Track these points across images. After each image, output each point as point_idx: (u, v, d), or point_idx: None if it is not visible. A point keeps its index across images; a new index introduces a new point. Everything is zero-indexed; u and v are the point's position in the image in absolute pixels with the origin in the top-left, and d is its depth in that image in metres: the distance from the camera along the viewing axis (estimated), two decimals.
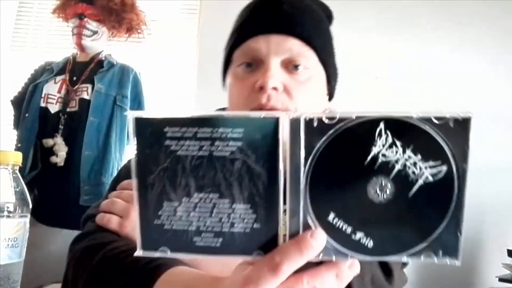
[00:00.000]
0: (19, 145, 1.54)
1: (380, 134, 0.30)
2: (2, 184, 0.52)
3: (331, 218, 0.31)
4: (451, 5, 2.07)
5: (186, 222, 0.32)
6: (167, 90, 2.13)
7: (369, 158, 0.30)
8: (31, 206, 0.55)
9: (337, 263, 0.32)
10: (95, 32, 1.63)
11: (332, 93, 0.70)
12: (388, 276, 0.57)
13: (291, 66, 0.60)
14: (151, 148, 0.32)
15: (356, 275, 0.33)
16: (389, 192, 0.30)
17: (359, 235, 0.31)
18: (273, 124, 0.31)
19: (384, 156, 0.30)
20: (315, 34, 0.62)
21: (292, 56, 0.60)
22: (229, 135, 0.31)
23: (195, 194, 0.32)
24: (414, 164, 0.30)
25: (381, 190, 0.30)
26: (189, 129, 0.31)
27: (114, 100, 1.58)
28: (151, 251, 0.33)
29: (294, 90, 0.59)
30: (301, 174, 0.31)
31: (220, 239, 0.32)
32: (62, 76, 1.61)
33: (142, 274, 0.42)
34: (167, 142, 0.32)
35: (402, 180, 0.30)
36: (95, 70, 1.61)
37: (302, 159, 0.31)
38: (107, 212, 0.58)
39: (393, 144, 0.30)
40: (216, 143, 0.31)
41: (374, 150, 0.30)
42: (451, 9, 2.07)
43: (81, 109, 1.54)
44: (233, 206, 0.32)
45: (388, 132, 0.29)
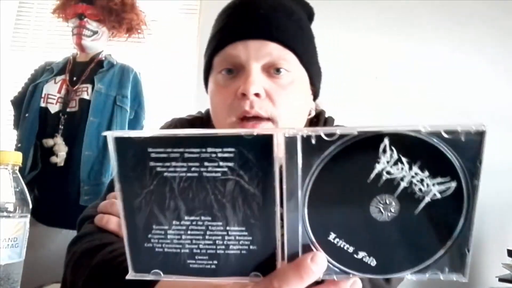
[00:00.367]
0: (19, 145, 1.54)
1: (385, 151, 0.28)
2: (2, 184, 0.52)
3: (332, 238, 0.30)
4: (451, 5, 2.07)
5: (178, 245, 0.31)
6: (167, 90, 2.12)
7: (373, 176, 0.28)
8: (31, 206, 0.55)
9: (339, 282, 0.31)
10: (95, 32, 1.63)
11: (317, 93, 0.69)
12: None
13: (272, 70, 0.59)
14: (135, 170, 0.30)
15: None
16: (394, 210, 0.29)
17: (362, 254, 0.30)
18: (267, 142, 0.28)
19: (389, 174, 0.28)
20: (295, 36, 0.61)
21: (273, 60, 0.59)
22: (220, 155, 0.29)
23: (186, 217, 0.30)
24: (421, 181, 0.28)
25: (385, 209, 0.29)
26: (175, 150, 0.29)
27: (114, 100, 1.58)
28: (143, 274, 0.32)
29: (277, 95, 0.58)
30: (299, 194, 0.29)
31: (215, 261, 0.31)
32: (62, 76, 1.61)
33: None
34: (152, 164, 0.29)
35: (408, 198, 0.28)
36: (95, 70, 1.61)
37: (300, 178, 0.29)
38: (106, 213, 0.58)
39: (399, 161, 0.28)
40: (206, 164, 0.29)
41: (378, 167, 0.28)
42: (451, 9, 2.07)
43: (81, 109, 1.54)
44: (227, 229, 0.30)
45: (393, 148, 0.28)
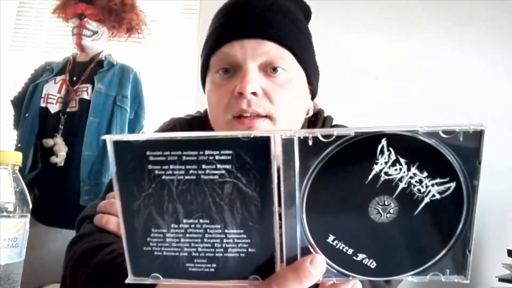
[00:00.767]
0: (19, 145, 1.54)
1: (382, 151, 0.28)
2: (2, 184, 0.52)
3: (331, 240, 0.30)
4: (451, 5, 2.07)
5: (177, 248, 0.31)
6: (167, 90, 2.12)
7: (370, 177, 0.28)
8: (31, 206, 0.55)
9: (339, 285, 0.31)
10: (95, 32, 1.63)
11: (315, 92, 0.69)
12: None
13: (269, 69, 0.59)
14: (133, 174, 0.30)
15: None
16: (393, 212, 0.29)
17: (361, 256, 0.30)
18: (264, 144, 0.28)
19: (387, 174, 0.28)
20: (291, 35, 0.61)
21: (270, 59, 0.59)
22: (217, 158, 0.29)
23: (184, 220, 0.30)
24: (420, 182, 0.28)
25: (384, 210, 0.29)
26: (173, 153, 0.29)
27: (114, 100, 1.58)
28: (143, 277, 0.32)
29: (274, 94, 0.58)
30: (297, 196, 0.29)
31: (214, 265, 0.31)
32: (62, 76, 1.61)
33: None
34: (150, 167, 0.30)
35: (407, 199, 0.28)
36: (95, 70, 1.61)
37: (297, 180, 0.29)
38: (106, 213, 0.58)
39: (397, 162, 0.28)
40: (203, 166, 0.29)
41: (376, 168, 0.28)
42: (451, 9, 2.07)
43: (81, 109, 1.54)
44: (226, 231, 0.30)
45: (391, 149, 0.28)
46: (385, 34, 2.07)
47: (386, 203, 0.29)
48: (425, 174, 0.28)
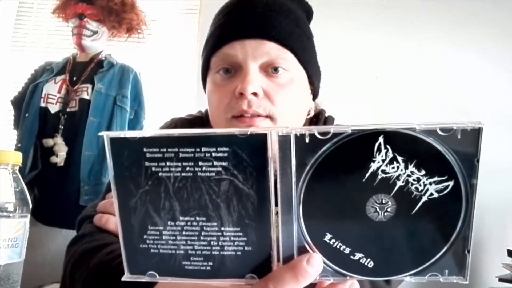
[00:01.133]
0: (19, 145, 1.54)
1: (380, 149, 0.27)
2: (2, 184, 0.52)
3: (328, 239, 0.29)
4: (451, 5, 2.07)
5: (173, 246, 0.31)
6: (167, 90, 2.12)
7: (368, 175, 0.28)
8: (31, 206, 0.55)
9: (336, 284, 0.31)
10: (95, 32, 1.63)
11: (316, 93, 0.68)
12: None
13: (271, 69, 0.59)
14: (130, 170, 0.30)
15: None
16: (390, 210, 0.28)
17: (359, 256, 0.30)
18: (261, 141, 0.28)
19: (384, 172, 0.28)
20: (292, 35, 0.61)
21: (271, 60, 0.58)
22: (214, 155, 0.29)
23: (181, 218, 0.30)
24: (418, 180, 0.28)
25: (381, 209, 0.28)
26: (170, 150, 0.29)
27: (114, 100, 1.58)
28: (139, 275, 0.32)
29: (275, 94, 0.58)
30: (293, 194, 0.29)
31: (210, 263, 0.31)
32: (62, 76, 1.61)
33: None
34: (147, 164, 0.30)
35: (404, 197, 0.28)
36: (95, 70, 1.61)
37: (294, 178, 0.29)
38: (105, 213, 0.58)
39: (394, 159, 0.27)
40: (200, 163, 0.29)
41: (373, 166, 0.28)
42: (451, 9, 2.07)
43: (81, 109, 1.54)
44: (222, 229, 0.30)
45: (388, 147, 0.27)
46: (385, 34, 2.07)
47: (384, 202, 0.28)
48: (423, 172, 0.28)
